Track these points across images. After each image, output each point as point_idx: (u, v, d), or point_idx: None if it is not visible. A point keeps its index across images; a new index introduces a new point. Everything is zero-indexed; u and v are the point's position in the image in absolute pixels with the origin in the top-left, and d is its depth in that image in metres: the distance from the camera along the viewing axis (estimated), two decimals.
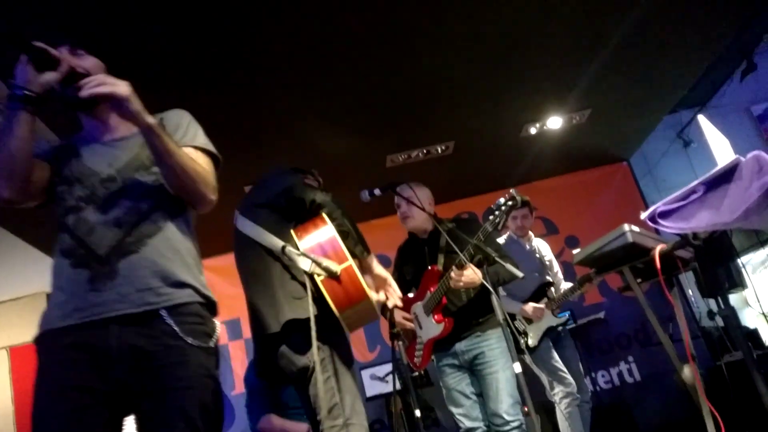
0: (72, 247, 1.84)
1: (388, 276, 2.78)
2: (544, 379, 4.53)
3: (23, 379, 5.98)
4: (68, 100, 1.89)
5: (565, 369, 4.57)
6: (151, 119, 1.82)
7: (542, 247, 5.12)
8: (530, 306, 4.60)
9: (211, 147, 2.12)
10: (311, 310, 2.41)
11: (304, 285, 2.48)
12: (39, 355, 1.81)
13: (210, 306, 1.97)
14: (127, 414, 1.82)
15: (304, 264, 2.47)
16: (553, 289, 4.84)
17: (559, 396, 4.48)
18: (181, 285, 1.87)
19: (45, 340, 1.81)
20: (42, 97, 1.78)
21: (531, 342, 4.56)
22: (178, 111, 2.17)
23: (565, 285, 4.95)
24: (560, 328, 4.78)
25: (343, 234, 2.62)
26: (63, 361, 1.75)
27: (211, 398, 1.84)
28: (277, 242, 2.57)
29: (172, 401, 1.76)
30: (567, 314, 4.88)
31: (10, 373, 6.04)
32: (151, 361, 1.77)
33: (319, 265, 2.45)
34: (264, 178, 2.92)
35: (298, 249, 2.51)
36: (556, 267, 5.12)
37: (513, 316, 4.63)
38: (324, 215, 2.60)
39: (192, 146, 2.07)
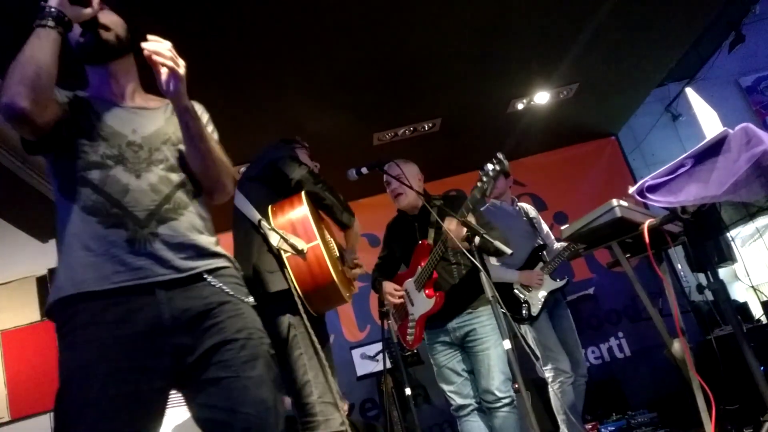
0: (101, 205, 1.75)
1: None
2: (540, 353, 4.48)
3: (16, 363, 5.95)
4: (86, 46, 1.90)
5: (559, 348, 4.49)
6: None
7: (526, 207, 5.01)
8: (527, 273, 4.52)
9: None
10: (278, 285, 2.51)
11: (276, 259, 2.56)
12: (71, 325, 1.69)
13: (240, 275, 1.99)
14: (176, 388, 1.77)
15: (274, 239, 2.54)
16: (545, 252, 4.72)
17: (552, 375, 4.43)
18: (216, 255, 1.87)
19: (77, 305, 1.69)
20: (69, 25, 1.77)
21: (534, 311, 4.47)
22: (198, 105, 2.14)
23: (558, 245, 4.80)
24: (558, 295, 4.70)
25: (327, 208, 2.73)
26: (111, 339, 1.65)
27: (270, 349, 1.86)
28: (255, 215, 2.65)
29: (239, 351, 1.74)
30: (566, 278, 4.79)
31: (2, 356, 6.01)
32: (206, 319, 1.74)
33: (286, 241, 2.51)
34: (257, 155, 3.01)
35: (270, 224, 2.58)
36: (545, 227, 4.98)
37: (511, 286, 4.54)
38: (302, 195, 2.66)
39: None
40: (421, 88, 5.29)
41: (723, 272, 2.88)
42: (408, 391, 3.65)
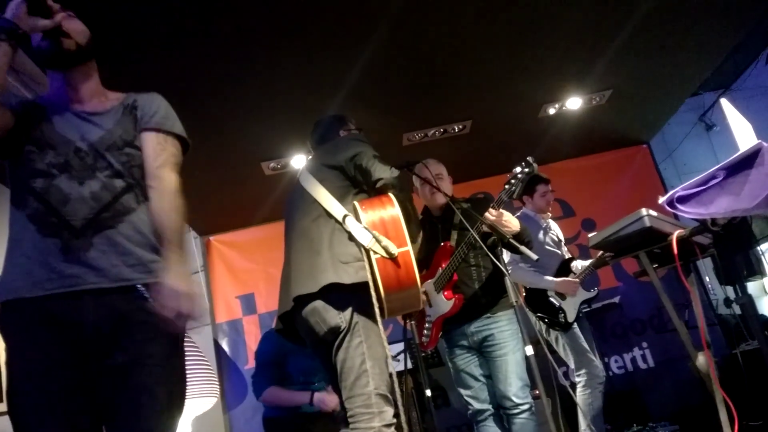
0: (40, 214, 1.81)
1: None
2: (571, 361, 4.47)
3: None
4: (44, 53, 1.92)
5: (591, 354, 4.49)
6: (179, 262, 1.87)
7: (554, 225, 5.06)
8: (565, 281, 4.53)
9: (184, 134, 2.13)
10: (353, 278, 2.47)
11: (354, 251, 2.52)
12: (7, 327, 1.79)
13: None
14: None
15: (364, 238, 2.48)
16: (574, 263, 4.76)
17: (585, 379, 4.42)
18: (149, 271, 1.87)
19: (12, 311, 1.77)
20: (24, 37, 1.80)
21: (570, 318, 4.49)
22: (154, 95, 2.16)
23: (582, 262, 4.85)
24: (584, 307, 4.69)
25: (407, 217, 2.63)
26: (41, 339, 1.74)
27: (177, 380, 1.88)
28: (339, 209, 2.60)
29: (139, 377, 1.77)
30: (597, 289, 4.79)
31: None
32: (127, 322, 1.79)
33: (379, 242, 2.45)
34: (335, 141, 3.01)
35: (360, 221, 2.52)
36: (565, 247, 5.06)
37: (545, 292, 4.57)
38: (391, 195, 2.62)
39: (171, 132, 2.07)
40: (453, 90, 5.27)
41: (752, 286, 2.85)
42: (428, 392, 3.65)
